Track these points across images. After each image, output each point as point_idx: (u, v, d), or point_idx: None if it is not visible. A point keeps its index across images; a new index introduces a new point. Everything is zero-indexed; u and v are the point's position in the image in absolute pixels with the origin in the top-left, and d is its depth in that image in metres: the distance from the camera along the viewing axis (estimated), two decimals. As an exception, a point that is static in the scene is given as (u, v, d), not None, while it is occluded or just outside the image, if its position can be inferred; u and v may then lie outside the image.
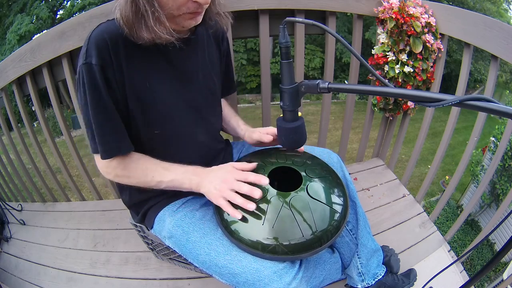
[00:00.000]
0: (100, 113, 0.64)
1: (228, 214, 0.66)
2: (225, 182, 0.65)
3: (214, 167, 0.71)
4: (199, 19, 0.66)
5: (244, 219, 0.65)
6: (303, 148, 0.81)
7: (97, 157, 0.71)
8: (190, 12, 0.62)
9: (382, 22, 1.31)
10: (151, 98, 0.70)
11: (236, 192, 0.64)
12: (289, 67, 0.61)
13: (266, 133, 0.83)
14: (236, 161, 0.88)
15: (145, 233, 0.97)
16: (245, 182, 0.65)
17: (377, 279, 0.97)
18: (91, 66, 0.61)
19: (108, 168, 0.72)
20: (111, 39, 0.62)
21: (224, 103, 1.01)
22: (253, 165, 0.70)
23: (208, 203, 0.81)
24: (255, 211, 0.64)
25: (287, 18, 0.56)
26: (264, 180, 0.65)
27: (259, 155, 0.82)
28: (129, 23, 0.60)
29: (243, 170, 0.68)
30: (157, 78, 0.71)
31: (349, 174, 0.93)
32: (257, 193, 0.63)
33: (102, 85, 0.63)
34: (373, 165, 1.74)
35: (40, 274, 1.24)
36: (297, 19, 0.56)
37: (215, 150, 0.90)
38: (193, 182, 0.69)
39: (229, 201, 0.64)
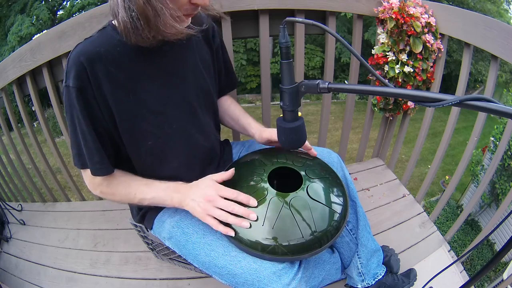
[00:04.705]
0: (77, 133, 0.66)
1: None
2: (209, 200, 0.65)
3: (194, 182, 0.72)
4: (190, 20, 0.66)
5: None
6: (314, 152, 0.82)
7: (83, 172, 0.73)
8: (186, 14, 0.62)
9: (382, 22, 1.31)
10: (140, 109, 0.69)
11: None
12: (289, 67, 0.61)
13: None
14: (237, 159, 0.88)
15: (145, 233, 0.97)
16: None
17: (377, 279, 0.97)
18: (69, 89, 0.62)
19: (93, 185, 0.73)
20: (88, 60, 0.61)
21: (231, 101, 0.99)
22: (230, 172, 0.71)
23: None
24: (256, 211, 0.64)
25: (287, 18, 0.56)
26: (252, 201, 0.65)
27: (259, 155, 0.82)
28: (150, 22, 0.58)
29: (223, 180, 0.70)
30: (145, 87, 0.69)
31: (349, 174, 0.93)
32: (241, 210, 0.64)
33: (78, 107, 0.63)
34: (373, 165, 1.74)
35: (40, 274, 1.24)
36: (297, 19, 0.56)
37: (213, 150, 0.89)
38: (175, 199, 0.70)
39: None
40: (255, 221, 0.64)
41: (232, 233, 0.64)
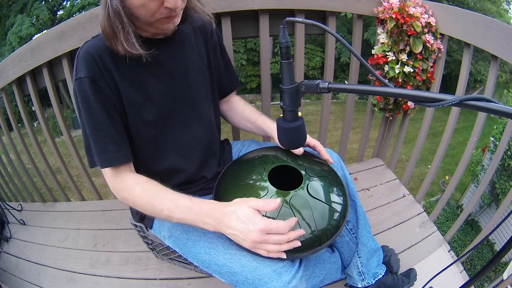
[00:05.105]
0: (95, 123, 0.66)
1: None
2: (257, 242, 0.60)
3: (231, 207, 0.63)
4: (177, 21, 0.67)
5: None
6: (302, 150, 0.81)
7: (105, 174, 0.71)
8: (165, 17, 0.64)
9: (382, 22, 1.31)
10: (144, 101, 0.72)
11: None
12: (289, 67, 0.61)
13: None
14: (238, 157, 0.88)
15: (145, 233, 0.97)
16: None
17: (377, 279, 0.97)
18: (81, 80, 0.64)
19: (115, 189, 0.72)
20: (97, 53, 0.65)
21: (244, 103, 0.99)
22: (277, 203, 0.62)
23: None
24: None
25: (287, 18, 0.56)
26: (300, 232, 0.62)
27: (260, 154, 0.83)
28: (108, 38, 0.63)
29: (266, 211, 0.63)
30: (148, 81, 0.72)
31: (349, 174, 0.93)
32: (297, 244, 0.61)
33: (93, 96, 0.64)
34: (373, 165, 1.74)
35: (40, 274, 1.24)
36: (297, 19, 0.56)
37: (212, 143, 0.90)
38: (209, 226, 0.65)
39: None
40: None
41: (285, 256, 0.62)
